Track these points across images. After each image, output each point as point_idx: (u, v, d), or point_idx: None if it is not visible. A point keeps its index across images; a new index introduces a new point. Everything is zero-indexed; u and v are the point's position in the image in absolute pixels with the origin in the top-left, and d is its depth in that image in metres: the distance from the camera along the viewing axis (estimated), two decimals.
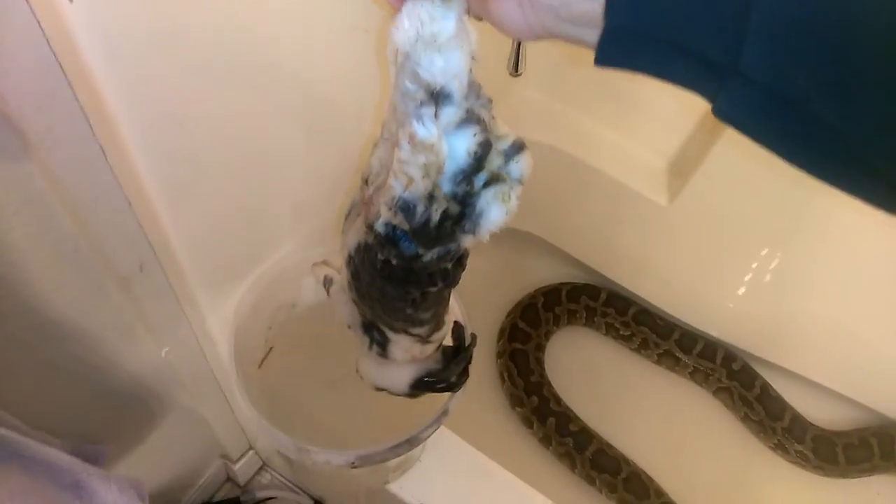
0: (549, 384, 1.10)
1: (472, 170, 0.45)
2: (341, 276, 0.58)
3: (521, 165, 0.48)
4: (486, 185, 0.47)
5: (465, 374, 0.65)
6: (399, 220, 0.47)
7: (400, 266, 0.50)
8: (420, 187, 0.45)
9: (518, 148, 0.48)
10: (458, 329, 0.65)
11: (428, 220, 0.46)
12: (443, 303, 0.58)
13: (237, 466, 1.03)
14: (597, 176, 1.06)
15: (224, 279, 0.70)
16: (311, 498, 1.07)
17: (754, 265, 1.08)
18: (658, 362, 1.18)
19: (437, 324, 0.59)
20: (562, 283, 1.21)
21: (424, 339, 0.59)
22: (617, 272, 1.19)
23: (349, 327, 0.62)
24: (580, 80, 1.06)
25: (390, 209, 0.47)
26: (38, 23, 0.38)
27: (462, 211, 0.47)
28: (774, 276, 1.07)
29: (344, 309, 0.61)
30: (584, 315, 1.20)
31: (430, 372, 0.63)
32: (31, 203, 0.46)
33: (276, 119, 0.62)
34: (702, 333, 1.16)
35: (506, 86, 1.04)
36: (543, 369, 1.13)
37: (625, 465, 1.03)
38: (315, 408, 0.76)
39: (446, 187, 0.46)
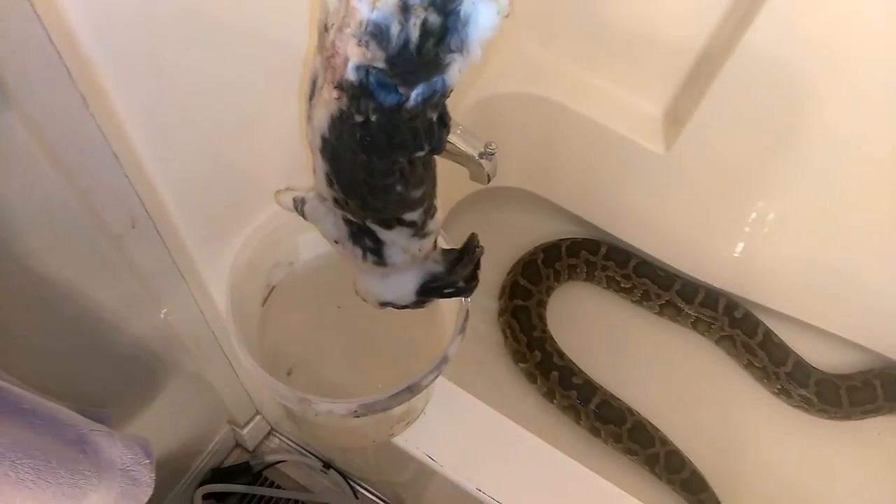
0: (552, 339, 1.10)
1: None
2: (315, 179, 0.54)
3: None
4: None
5: (474, 278, 0.62)
6: (372, 54, 0.41)
7: (382, 123, 0.45)
8: None
9: None
10: (471, 238, 0.62)
11: (406, 43, 0.40)
12: (431, 178, 0.55)
13: (245, 432, 1.04)
14: (592, 126, 1.05)
15: (219, 236, 0.69)
16: (320, 460, 1.09)
17: (753, 213, 1.07)
18: (660, 313, 1.18)
19: (430, 208, 0.56)
20: (561, 239, 1.21)
21: (420, 230, 0.56)
22: (615, 225, 1.19)
23: (336, 243, 0.59)
24: (571, 31, 1.04)
25: (359, 42, 0.41)
26: None
27: (444, 23, 0.40)
28: (774, 222, 1.07)
29: (326, 222, 0.58)
30: (585, 269, 1.20)
31: (435, 275, 0.60)
32: (15, 155, 0.45)
33: (260, 74, 0.61)
34: (703, 283, 1.16)
35: (497, 38, 1.02)
36: (545, 325, 1.13)
37: (629, 415, 1.04)
38: (317, 362, 0.76)
39: None
